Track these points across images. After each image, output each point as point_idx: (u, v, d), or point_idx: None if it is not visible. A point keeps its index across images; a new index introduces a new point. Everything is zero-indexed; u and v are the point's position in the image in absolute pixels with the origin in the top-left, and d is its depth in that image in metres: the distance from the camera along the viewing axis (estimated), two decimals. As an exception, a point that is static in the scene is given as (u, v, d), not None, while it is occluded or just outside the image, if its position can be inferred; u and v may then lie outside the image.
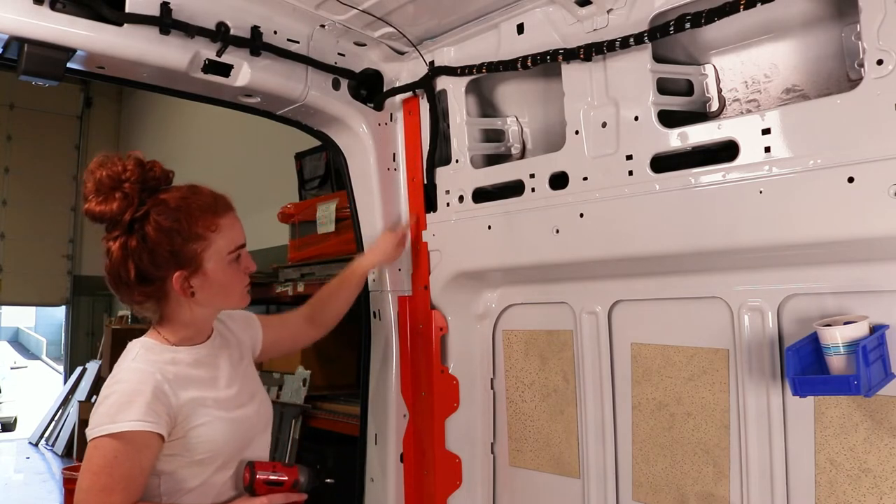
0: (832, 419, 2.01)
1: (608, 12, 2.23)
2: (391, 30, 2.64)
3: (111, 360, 8.38)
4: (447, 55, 2.70)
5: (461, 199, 2.70)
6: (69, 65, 2.19)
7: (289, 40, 2.55)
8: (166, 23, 2.23)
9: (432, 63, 2.74)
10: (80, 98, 13.27)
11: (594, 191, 2.30)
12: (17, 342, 24.81)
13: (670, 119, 2.18)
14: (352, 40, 2.73)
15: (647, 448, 2.41)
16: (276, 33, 2.51)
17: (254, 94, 2.59)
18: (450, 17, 2.57)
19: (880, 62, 1.73)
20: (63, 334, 14.02)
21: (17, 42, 2.07)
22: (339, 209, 4.73)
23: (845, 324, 1.85)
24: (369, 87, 2.85)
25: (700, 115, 2.26)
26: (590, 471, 2.54)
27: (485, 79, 2.72)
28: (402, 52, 2.82)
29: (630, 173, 2.20)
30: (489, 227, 2.60)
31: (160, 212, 1.91)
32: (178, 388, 1.90)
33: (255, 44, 2.43)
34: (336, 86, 2.74)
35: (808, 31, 2.09)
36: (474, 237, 2.65)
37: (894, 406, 1.91)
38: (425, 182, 2.81)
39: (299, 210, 5.24)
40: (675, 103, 2.23)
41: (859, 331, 1.82)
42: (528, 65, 2.40)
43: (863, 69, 1.78)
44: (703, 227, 2.05)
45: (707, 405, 2.27)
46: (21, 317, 24.74)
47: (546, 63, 2.37)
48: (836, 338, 1.83)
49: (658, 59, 2.20)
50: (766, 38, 2.17)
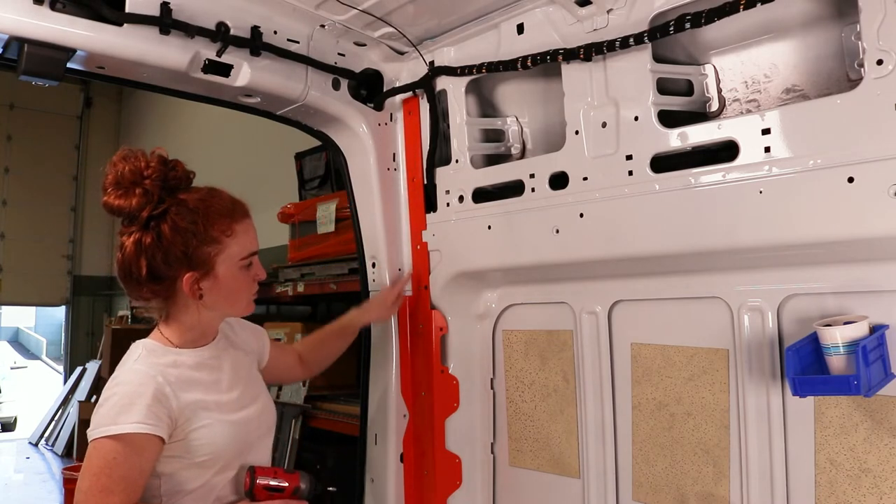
0: (832, 419, 2.01)
1: (608, 12, 2.23)
2: (391, 30, 2.64)
3: (111, 360, 8.40)
4: (447, 55, 2.70)
5: (461, 199, 2.70)
6: (69, 65, 2.19)
7: (289, 40, 2.55)
8: (166, 23, 2.23)
9: (432, 63, 2.74)
10: (80, 98, 13.27)
11: (594, 191, 2.30)
12: (17, 342, 24.81)
13: (670, 119, 2.18)
14: (352, 40, 2.72)
15: (647, 448, 2.41)
16: (276, 33, 2.51)
17: (254, 94, 2.59)
18: (450, 17, 2.57)
19: (880, 62, 1.73)
20: (63, 334, 14.02)
21: (17, 42, 2.07)
22: (338, 209, 4.74)
23: (845, 324, 1.85)
24: (369, 87, 2.85)
25: (700, 116, 2.26)
26: (590, 471, 2.54)
27: (485, 79, 2.72)
28: (402, 52, 2.82)
29: (630, 173, 2.21)
30: (489, 227, 2.60)
31: (178, 211, 1.91)
32: (179, 391, 1.90)
33: (255, 44, 2.43)
34: (336, 86, 2.74)
35: (808, 31, 2.09)
36: (474, 237, 2.65)
37: (894, 406, 1.91)
38: (425, 182, 2.81)
39: (299, 210, 5.24)
40: (675, 103, 2.23)
41: (859, 331, 1.82)
42: (528, 65, 2.40)
43: (863, 69, 1.78)
44: (703, 227, 2.05)
45: (707, 405, 2.27)
46: (21, 317, 24.73)
47: (546, 63, 2.37)
48: (836, 338, 1.84)
49: (658, 59, 2.20)
50: (766, 38, 2.17)
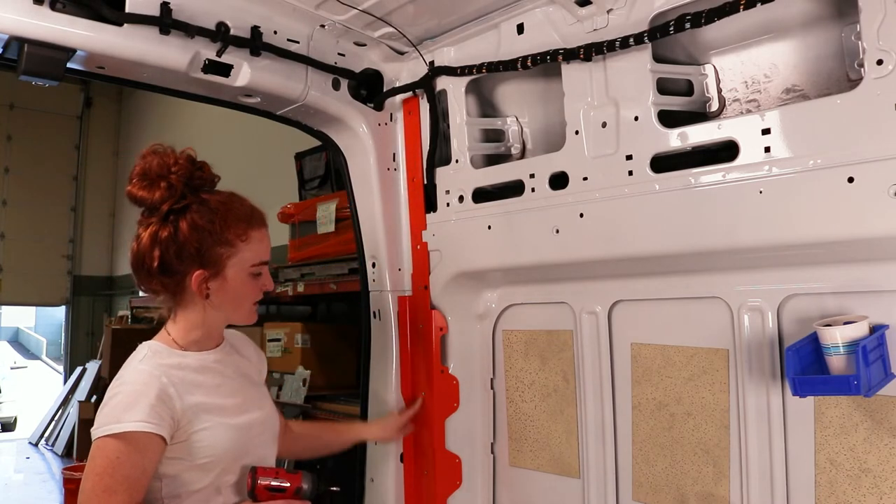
0: (832, 419, 2.01)
1: (608, 12, 2.23)
2: (391, 30, 2.64)
3: (111, 360, 8.40)
4: (447, 55, 2.70)
5: (461, 199, 2.70)
6: (69, 65, 2.19)
7: (289, 40, 2.55)
8: (166, 23, 2.23)
9: (432, 63, 2.73)
10: (80, 98, 13.29)
11: (594, 191, 2.30)
12: (17, 342, 24.81)
13: (670, 119, 2.18)
14: (352, 40, 2.72)
15: (647, 448, 2.41)
16: (276, 33, 2.51)
17: (254, 94, 2.59)
18: (450, 17, 2.57)
19: (880, 62, 1.73)
20: (63, 334, 14.04)
21: (17, 42, 2.07)
22: (338, 209, 4.74)
23: (845, 324, 1.85)
24: (369, 87, 2.84)
25: (700, 115, 2.26)
26: (590, 471, 2.54)
27: (485, 79, 2.72)
28: (402, 52, 2.82)
29: (630, 173, 2.20)
30: (489, 227, 2.60)
31: (198, 210, 1.95)
32: (183, 392, 1.90)
33: (255, 44, 2.43)
34: (336, 86, 2.74)
35: (808, 31, 2.09)
36: (474, 237, 2.65)
37: (894, 406, 1.91)
38: (425, 182, 2.81)
39: (299, 210, 5.24)
40: (675, 103, 2.23)
41: (859, 331, 1.82)
42: (528, 65, 2.40)
43: (863, 69, 1.78)
44: (703, 227, 2.05)
45: (707, 405, 2.27)
46: (21, 317, 24.74)
47: (546, 63, 2.37)
48: (836, 338, 1.84)
49: (658, 59, 2.20)
50: (766, 38, 2.17)
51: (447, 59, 2.70)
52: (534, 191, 2.47)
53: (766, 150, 1.92)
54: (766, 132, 1.93)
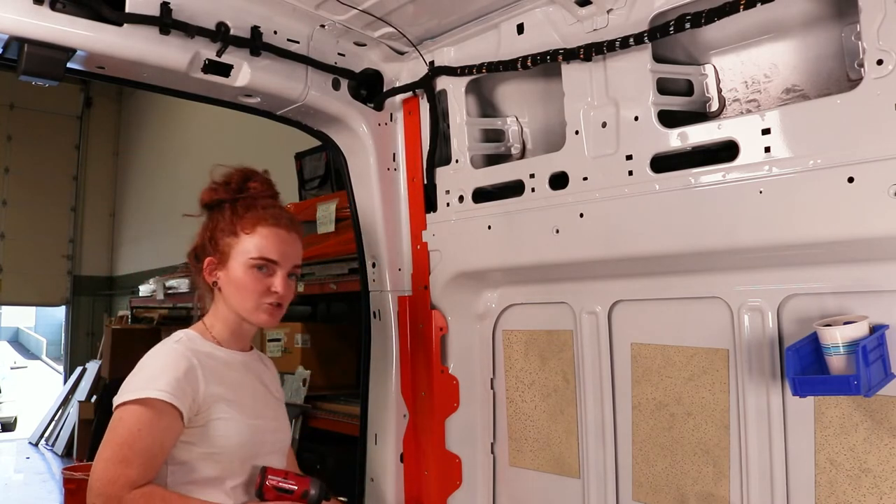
0: (832, 419, 2.01)
1: (608, 12, 2.23)
2: (391, 30, 2.64)
3: (111, 360, 8.40)
4: (447, 55, 2.70)
5: (461, 199, 2.70)
6: (69, 65, 2.19)
7: (289, 40, 2.55)
8: (166, 23, 2.23)
9: (432, 63, 2.73)
10: (80, 98, 13.29)
11: (594, 191, 2.30)
12: (17, 342, 24.82)
13: (670, 119, 2.18)
14: (352, 40, 2.72)
15: (647, 448, 2.41)
16: (276, 33, 2.51)
17: (254, 94, 2.59)
18: (450, 17, 2.57)
19: (880, 62, 1.73)
20: (63, 334, 14.04)
21: (17, 42, 2.07)
22: (338, 209, 4.73)
23: (845, 324, 1.85)
24: (369, 87, 2.85)
25: (700, 115, 2.26)
26: (590, 471, 2.54)
27: (485, 79, 2.72)
28: (402, 52, 2.82)
29: (630, 173, 2.20)
30: (489, 227, 2.60)
31: (233, 207, 2.12)
32: (209, 379, 1.97)
33: (255, 44, 2.43)
34: (336, 86, 2.74)
35: (808, 31, 2.09)
36: (474, 237, 2.65)
37: (894, 406, 1.91)
38: (425, 182, 2.81)
39: (299, 210, 5.23)
40: (675, 103, 2.23)
41: (859, 331, 1.82)
42: (528, 65, 2.40)
43: (863, 69, 1.78)
44: (703, 227, 2.05)
45: (707, 405, 2.27)
46: (21, 317, 24.74)
47: (546, 63, 2.37)
48: (836, 338, 1.84)
49: (658, 59, 2.20)
50: (766, 38, 2.17)
51: (447, 59, 2.70)
52: (534, 191, 2.47)
53: (766, 150, 1.92)
54: (766, 132, 1.93)
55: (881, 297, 1.91)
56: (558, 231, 2.39)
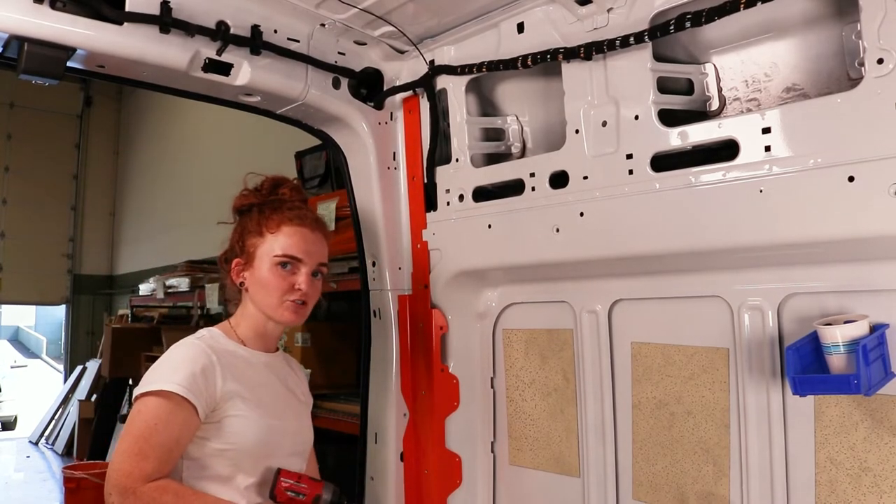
0: (832, 418, 2.01)
1: (608, 11, 2.23)
2: (391, 28, 2.64)
3: (111, 358, 8.38)
4: (447, 54, 2.70)
5: (461, 198, 2.70)
6: (69, 64, 2.19)
7: (289, 39, 2.55)
8: (166, 21, 2.23)
9: (432, 62, 2.73)
10: (80, 97, 13.27)
11: (594, 190, 2.30)
12: (18, 341, 24.80)
13: (670, 118, 2.18)
14: (352, 39, 2.72)
15: (648, 447, 2.41)
16: (276, 32, 2.51)
17: (254, 93, 2.59)
18: (450, 16, 2.57)
19: (881, 61, 1.73)
20: (63, 333, 14.02)
21: (17, 41, 2.07)
22: (338, 208, 4.72)
23: (845, 323, 1.85)
24: (369, 86, 2.84)
25: (700, 114, 2.26)
26: (590, 470, 2.54)
27: (485, 78, 2.72)
28: (402, 51, 2.82)
29: (630, 172, 2.20)
30: (489, 227, 2.60)
31: (262, 210, 2.15)
32: (227, 376, 1.98)
33: (256, 43, 2.43)
34: (336, 85, 2.74)
35: (809, 30, 2.09)
36: (474, 236, 2.65)
37: (894, 405, 1.91)
38: (425, 181, 2.81)
39: (299, 209, 5.22)
40: (676, 102, 2.23)
41: (859, 330, 1.82)
42: (529, 64, 2.40)
43: (863, 68, 1.78)
44: (703, 226, 2.05)
45: (707, 404, 2.27)
46: (21, 316, 24.73)
47: (546, 62, 2.37)
48: (837, 337, 1.84)
49: (658, 57, 2.20)
50: (767, 37, 2.17)
51: (447, 58, 2.70)
52: (534, 190, 2.47)
53: (767, 149, 1.92)
54: (766, 131, 1.92)
55: (881, 297, 1.91)
56: (558, 230, 2.39)
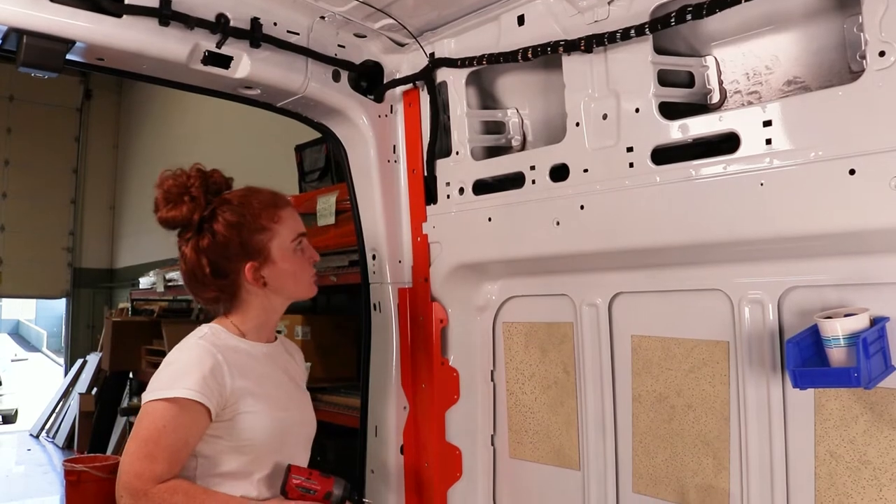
0: (832, 411, 2.01)
1: (609, 3, 2.22)
2: (391, 21, 2.63)
3: (111, 352, 8.38)
4: (447, 47, 2.69)
5: (461, 191, 2.70)
6: (68, 56, 2.19)
7: (289, 32, 2.54)
8: (166, 14, 2.22)
9: (432, 55, 2.73)
10: (80, 90, 13.23)
11: (595, 183, 2.29)
12: (18, 334, 24.86)
13: (671, 111, 2.17)
14: (352, 32, 2.72)
15: (648, 440, 2.41)
16: (275, 25, 2.50)
17: (254, 86, 2.58)
18: (450, 9, 2.56)
19: (882, 54, 1.73)
20: (63, 327, 14.02)
21: (17, 33, 2.06)
22: (339, 201, 4.72)
23: (846, 316, 1.85)
24: (369, 79, 2.84)
25: (701, 107, 2.25)
26: (590, 463, 2.55)
27: (485, 70, 2.71)
28: (402, 44, 2.81)
29: (631, 165, 2.20)
30: (489, 220, 2.59)
31: (225, 209, 2.06)
32: (235, 374, 1.98)
33: (255, 35, 2.43)
34: (336, 77, 2.73)
35: (810, 23, 2.08)
36: (475, 229, 2.64)
37: (894, 398, 1.91)
38: (425, 174, 2.81)
39: (299, 202, 5.21)
40: (676, 95, 2.23)
41: (860, 323, 1.82)
42: (529, 56, 2.39)
43: (865, 61, 1.77)
44: (703, 219, 2.05)
45: (707, 397, 2.27)
46: (21, 309, 24.78)
47: (547, 55, 2.37)
48: (837, 330, 1.83)
49: (659, 50, 2.19)
50: (768, 29, 2.16)
51: (447, 51, 2.69)
52: (534, 183, 2.46)
53: (768, 142, 1.92)
54: (767, 124, 1.92)
55: (882, 290, 1.90)
56: (559, 223, 2.38)
